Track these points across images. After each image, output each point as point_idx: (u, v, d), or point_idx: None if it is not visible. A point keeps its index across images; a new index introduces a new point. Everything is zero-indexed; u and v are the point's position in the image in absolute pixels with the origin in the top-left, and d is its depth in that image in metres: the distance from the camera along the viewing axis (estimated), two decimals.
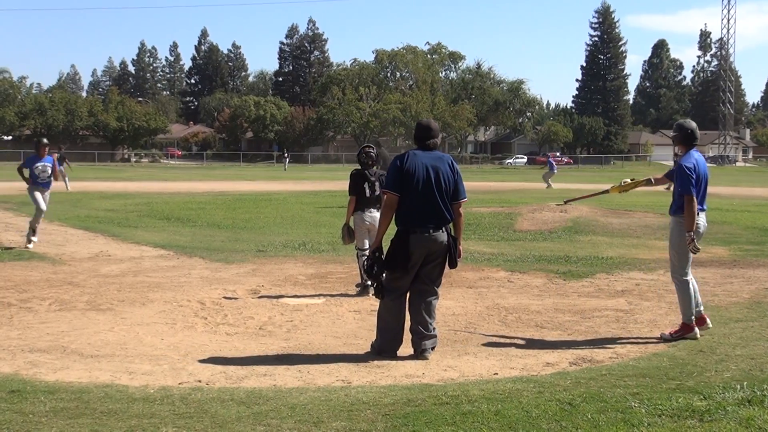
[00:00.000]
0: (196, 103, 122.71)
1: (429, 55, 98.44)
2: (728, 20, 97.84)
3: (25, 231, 13.90)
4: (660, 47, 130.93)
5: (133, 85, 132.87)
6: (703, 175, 7.28)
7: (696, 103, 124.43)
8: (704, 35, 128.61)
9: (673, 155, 38.38)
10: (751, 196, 27.54)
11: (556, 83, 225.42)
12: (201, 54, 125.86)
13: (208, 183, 40.19)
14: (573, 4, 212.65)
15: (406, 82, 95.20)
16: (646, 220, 18.51)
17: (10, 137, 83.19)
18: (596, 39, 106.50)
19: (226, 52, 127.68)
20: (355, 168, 9.86)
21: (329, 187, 33.49)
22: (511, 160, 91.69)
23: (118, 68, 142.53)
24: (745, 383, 5.50)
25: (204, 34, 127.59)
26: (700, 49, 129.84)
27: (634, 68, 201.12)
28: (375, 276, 6.62)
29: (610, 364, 6.31)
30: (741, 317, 8.11)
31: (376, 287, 6.70)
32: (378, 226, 6.83)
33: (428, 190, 6.48)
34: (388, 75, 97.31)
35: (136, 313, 8.38)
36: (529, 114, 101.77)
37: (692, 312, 7.23)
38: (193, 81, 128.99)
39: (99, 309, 8.55)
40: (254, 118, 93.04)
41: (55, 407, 4.99)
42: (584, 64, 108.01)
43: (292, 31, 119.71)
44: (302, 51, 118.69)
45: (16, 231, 15.80)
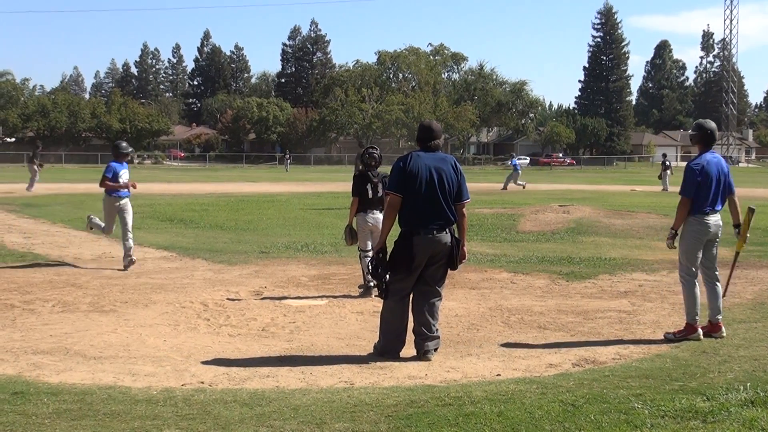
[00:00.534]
0: (198, 104, 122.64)
1: (431, 57, 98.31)
2: (731, 21, 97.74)
3: (29, 234, 13.85)
4: (662, 48, 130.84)
5: (136, 87, 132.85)
6: (714, 177, 7.28)
7: (699, 104, 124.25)
8: (707, 36, 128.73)
9: (662, 155, 38.35)
10: (754, 196, 27.48)
11: (558, 84, 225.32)
12: (204, 55, 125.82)
13: (210, 184, 40.21)
14: (575, 5, 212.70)
15: (409, 83, 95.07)
16: (649, 221, 18.49)
17: (13, 139, 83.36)
18: (599, 40, 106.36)
19: (228, 53, 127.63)
20: (358, 169, 9.86)
21: (332, 189, 33.47)
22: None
23: (121, 70, 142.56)
24: (748, 384, 5.49)
25: (206, 36, 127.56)
26: (703, 49, 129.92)
27: (636, 69, 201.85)
28: (379, 277, 6.63)
29: (613, 365, 6.31)
30: (744, 318, 8.10)
31: (379, 288, 6.71)
32: (381, 228, 6.83)
33: (431, 191, 6.48)
34: (391, 76, 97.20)
35: (139, 314, 8.39)
36: (531, 115, 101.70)
37: (696, 312, 7.23)
38: (195, 82, 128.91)
39: (102, 311, 8.57)
40: (257, 120, 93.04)
41: (58, 409, 5.00)
42: (587, 65, 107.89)
43: (295, 32, 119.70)
44: (305, 52, 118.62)
45: (20, 233, 15.83)
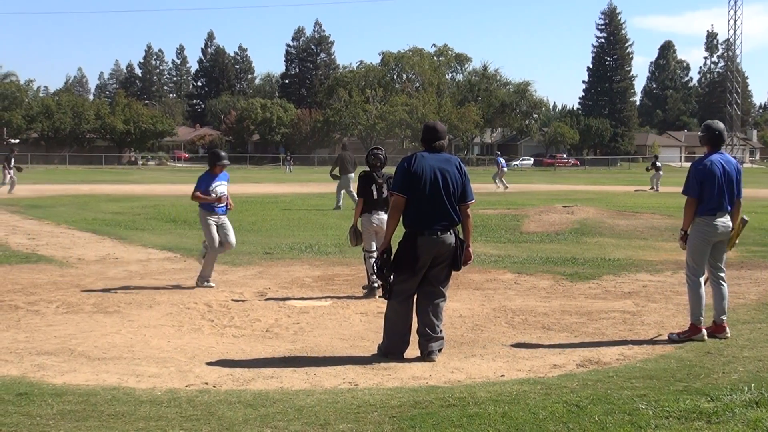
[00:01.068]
0: (202, 105, 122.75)
1: (435, 57, 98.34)
2: (735, 21, 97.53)
3: (33, 235, 13.82)
4: (666, 48, 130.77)
5: (140, 88, 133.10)
6: (719, 177, 7.27)
7: (703, 105, 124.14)
8: (711, 36, 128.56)
9: (653, 156, 38.50)
10: (758, 197, 27.44)
11: (562, 85, 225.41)
12: (207, 56, 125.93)
13: None
14: (579, 6, 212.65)
15: (413, 84, 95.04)
16: (653, 222, 18.47)
17: (18, 140, 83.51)
18: (602, 40, 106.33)
19: (232, 54, 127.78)
20: (363, 170, 9.86)
21: (335, 189, 33.37)
22: (517, 162, 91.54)
23: (125, 71, 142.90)
24: (752, 385, 5.48)
25: (210, 37, 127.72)
26: (707, 50, 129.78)
27: (640, 69, 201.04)
28: (384, 277, 6.63)
29: (617, 366, 6.30)
30: (748, 319, 8.08)
31: (384, 288, 6.71)
32: (386, 228, 6.83)
33: (436, 192, 6.48)
34: (395, 77, 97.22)
35: (143, 315, 8.40)
36: (535, 116, 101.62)
37: (701, 313, 7.22)
38: (199, 84, 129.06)
39: (106, 312, 8.57)
40: (261, 121, 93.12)
41: (63, 410, 5.00)
42: (590, 66, 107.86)
43: (299, 33, 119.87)
44: (309, 53, 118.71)
45: (24, 234, 15.86)
